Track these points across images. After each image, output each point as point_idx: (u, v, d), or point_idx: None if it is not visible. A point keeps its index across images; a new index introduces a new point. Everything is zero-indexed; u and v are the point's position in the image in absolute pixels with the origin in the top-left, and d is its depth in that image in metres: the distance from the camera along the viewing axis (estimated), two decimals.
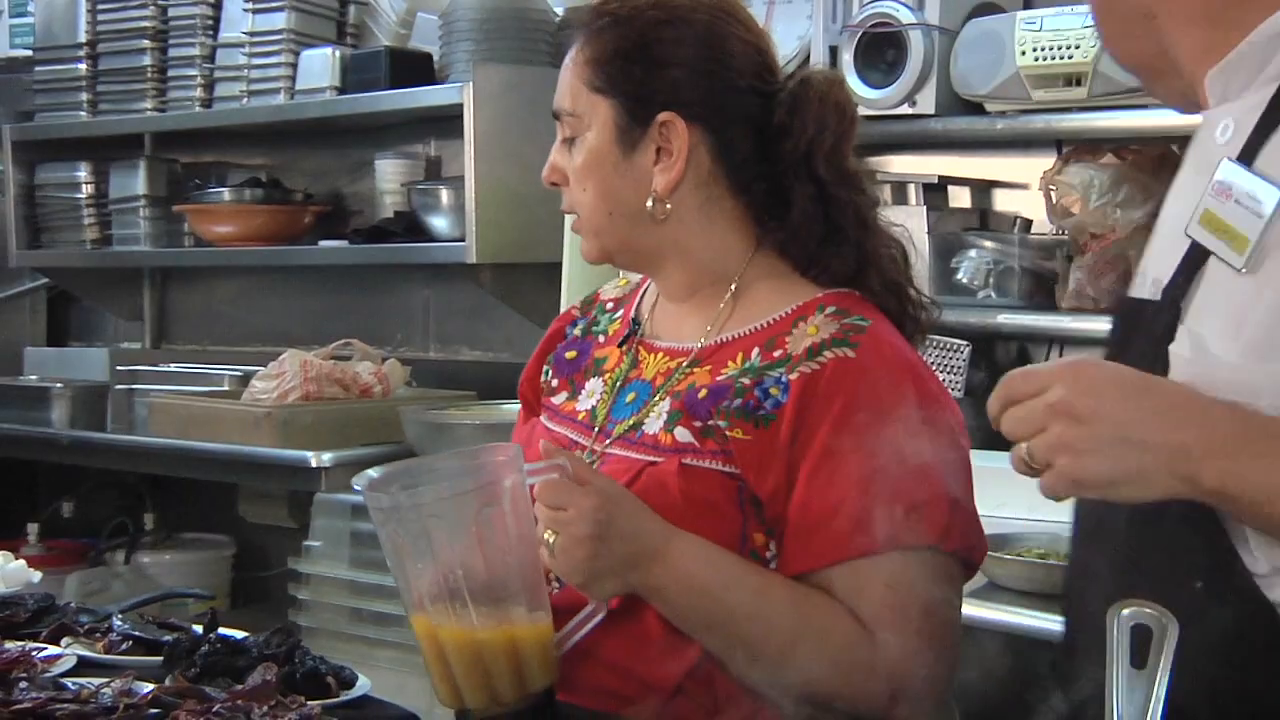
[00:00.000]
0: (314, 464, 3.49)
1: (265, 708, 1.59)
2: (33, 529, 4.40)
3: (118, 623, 1.96)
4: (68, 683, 1.70)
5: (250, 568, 4.41)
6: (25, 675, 1.69)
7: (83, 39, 4.46)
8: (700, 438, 1.63)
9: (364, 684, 1.79)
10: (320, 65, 3.93)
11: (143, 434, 3.95)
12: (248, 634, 1.88)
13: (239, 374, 3.94)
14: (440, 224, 3.74)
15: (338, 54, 3.91)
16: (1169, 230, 1.42)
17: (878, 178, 2.99)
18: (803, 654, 1.55)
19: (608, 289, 1.93)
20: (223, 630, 1.89)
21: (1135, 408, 1.24)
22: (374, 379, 3.75)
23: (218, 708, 1.58)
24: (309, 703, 1.63)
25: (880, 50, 2.92)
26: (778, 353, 1.64)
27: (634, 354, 1.78)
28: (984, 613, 2.21)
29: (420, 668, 1.63)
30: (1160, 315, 1.37)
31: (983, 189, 3.11)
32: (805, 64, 3.00)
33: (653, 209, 1.69)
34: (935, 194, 3.07)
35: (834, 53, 2.98)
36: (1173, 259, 1.38)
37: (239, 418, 3.63)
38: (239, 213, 4.18)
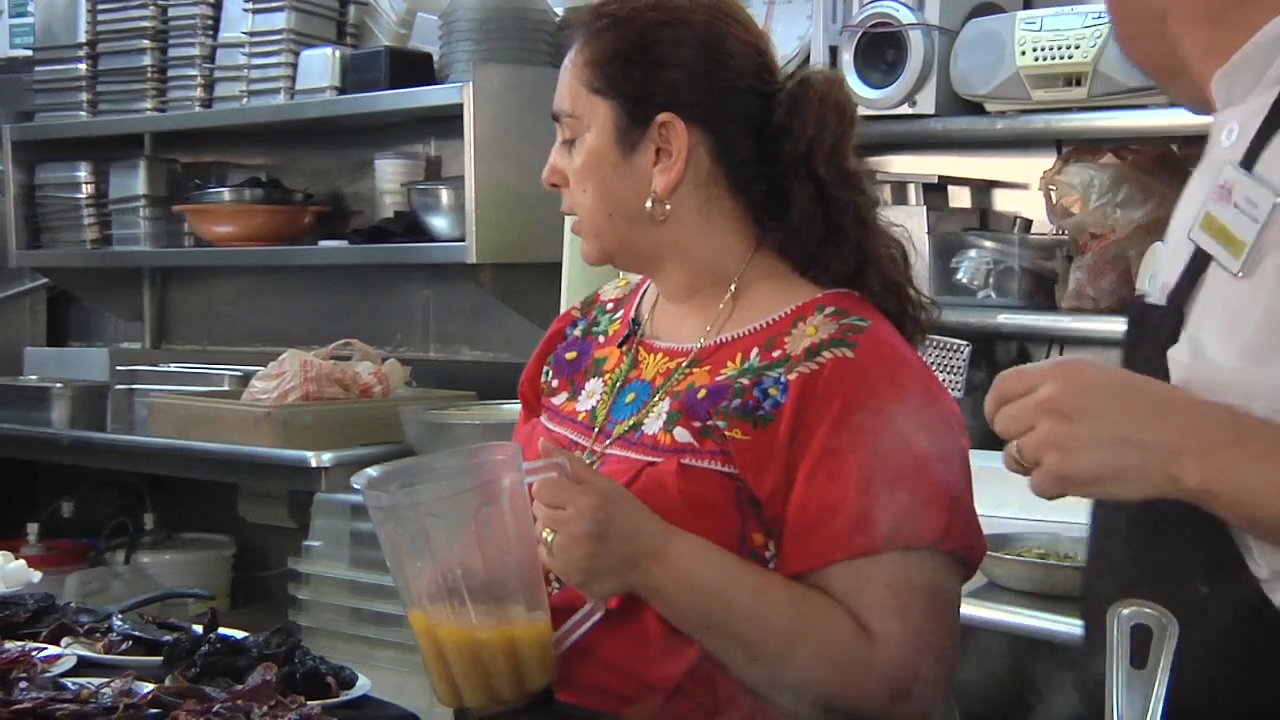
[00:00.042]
0: (314, 464, 3.49)
1: (265, 708, 1.59)
2: (33, 529, 4.40)
3: (118, 623, 1.96)
4: (68, 683, 1.69)
5: (250, 568, 4.41)
6: (25, 675, 1.69)
7: (83, 39, 4.45)
8: (699, 438, 1.63)
9: (364, 684, 1.79)
10: (320, 65, 3.93)
11: (143, 434, 3.95)
12: (248, 634, 1.87)
13: (239, 374, 3.94)
14: (440, 224, 3.74)
15: (338, 54, 3.91)
16: (1178, 235, 1.42)
17: (878, 178, 2.99)
18: (802, 654, 1.55)
19: (608, 289, 1.93)
20: (223, 630, 1.88)
21: (1122, 406, 1.23)
22: (374, 379, 3.75)
23: (218, 708, 1.58)
24: (309, 703, 1.63)
25: (880, 50, 2.92)
26: (777, 353, 1.64)
27: (634, 354, 1.78)
28: (984, 613, 2.21)
29: (420, 668, 1.63)
30: (1165, 320, 1.37)
31: (983, 189, 3.11)
32: (805, 64, 3.01)
33: (652, 210, 1.69)
34: (935, 194, 3.07)
35: (834, 53, 2.97)
36: (1179, 264, 1.38)
37: (239, 418, 3.63)
38: (239, 213, 4.18)
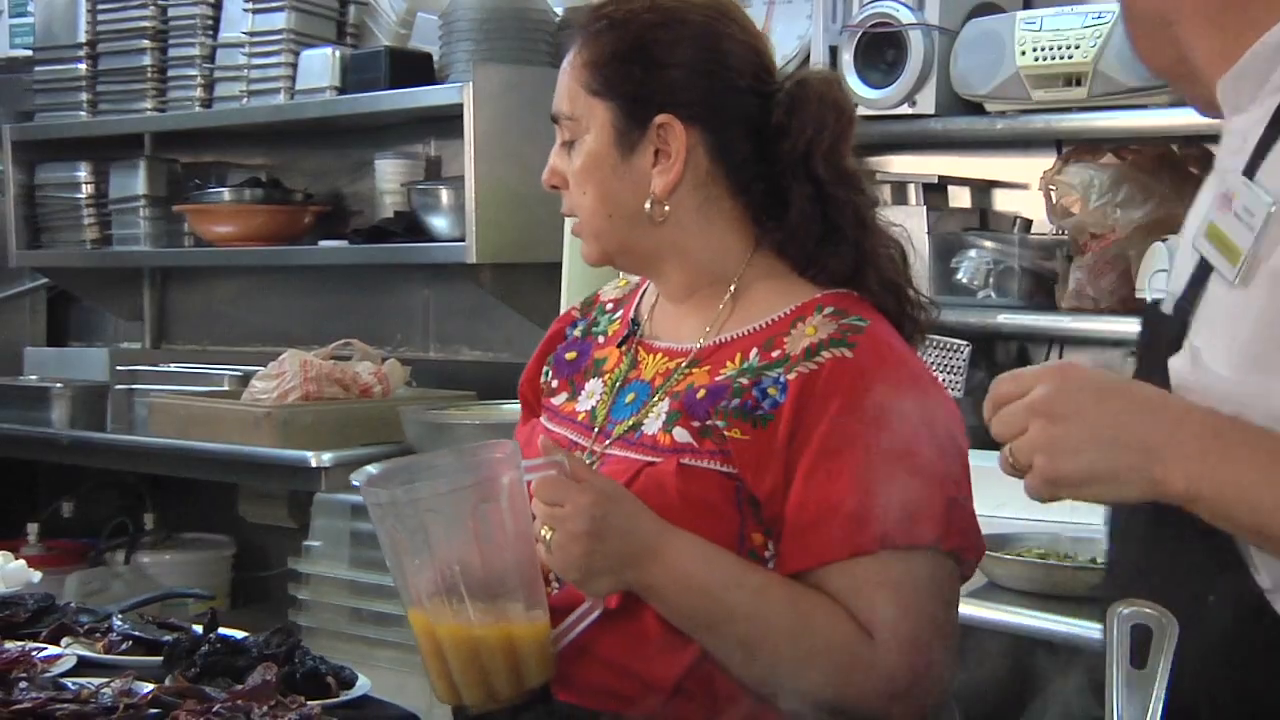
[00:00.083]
0: (314, 464, 3.48)
1: (265, 708, 1.59)
2: (33, 529, 4.40)
3: (118, 623, 1.96)
4: (68, 683, 1.70)
5: (250, 568, 4.41)
6: (25, 675, 1.69)
7: (83, 39, 4.45)
8: (698, 438, 1.63)
9: (364, 684, 1.79)
10: (320, 65, 3.92)
11: (143, 434, 3.95)
12: (248, 634, 1.88)
13: (239, 374, 3.94)
14: (440, 224, 3.74)
15: (338, 54, 3.91)
16: (1187, 243, 1.42)
17: (877, 178, 2.99)
18: (801, 653, 1.55)
19: (607, 290, 1.93)
20: (223, 630, 1.89)
21: (1110, 409, 1.24)
22: (374, 379, 3.75)
23: (218, 708, 1.58)
24: (309, 703, 1.63)
25: (880, 50, 2.92)
26: (776, 353, 1.64)
27: (633, 354, 1.78)
28: (984, 613, 2.21)
29: (420, 668, 1.63)
30: (1170, 328, 1.37)
31: (983, 189, 3.11)
32: (805, 64, 3.01)
33: (651, 211, 1.69)
34: (935, 194, 3.07)
35: (834, 53, 2.97)
36: (1186, 272, 1.39)
37: (239, 418, 3.63)
38: (239, 213, 4.18)
